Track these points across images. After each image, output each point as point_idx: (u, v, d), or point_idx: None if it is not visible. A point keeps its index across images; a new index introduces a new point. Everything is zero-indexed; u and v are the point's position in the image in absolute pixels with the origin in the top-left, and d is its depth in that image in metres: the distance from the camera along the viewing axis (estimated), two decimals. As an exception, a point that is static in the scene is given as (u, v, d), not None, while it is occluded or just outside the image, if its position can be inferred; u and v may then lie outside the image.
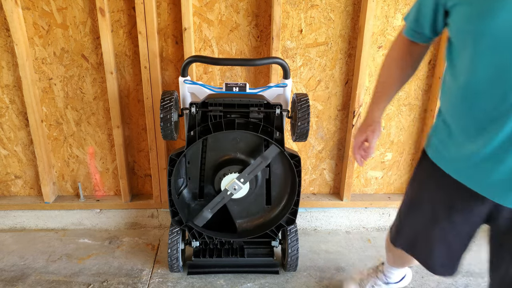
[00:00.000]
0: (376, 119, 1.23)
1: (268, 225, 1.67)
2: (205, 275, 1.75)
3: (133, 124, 1.96)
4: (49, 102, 1.89)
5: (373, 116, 1.23)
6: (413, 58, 1.15)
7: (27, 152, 1.97)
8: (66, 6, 1.72)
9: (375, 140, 1.23)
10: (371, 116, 1.24)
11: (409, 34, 1.10)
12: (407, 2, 1.76)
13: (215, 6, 1.74)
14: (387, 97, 1.21)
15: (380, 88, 1.22)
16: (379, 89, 1.22)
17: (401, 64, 1.16)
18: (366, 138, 1.24)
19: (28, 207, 2.03)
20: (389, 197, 2.11)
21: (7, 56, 1.78)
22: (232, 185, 1.54)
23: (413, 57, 1.15)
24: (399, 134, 2.02)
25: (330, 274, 1.80)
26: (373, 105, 1.24)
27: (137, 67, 1.84)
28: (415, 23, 1.07)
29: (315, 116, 1.96)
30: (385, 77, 1.21)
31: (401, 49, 1.15)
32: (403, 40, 1.13)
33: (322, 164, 2.07)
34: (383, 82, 1.21)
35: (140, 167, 2.05)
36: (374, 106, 1.23)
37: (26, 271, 1.77)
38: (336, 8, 1.77)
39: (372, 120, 1.23)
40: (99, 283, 1.70)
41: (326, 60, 1.86)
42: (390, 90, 1.20)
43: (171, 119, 1.51)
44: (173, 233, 1.69)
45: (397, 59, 1.16)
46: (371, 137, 1.23)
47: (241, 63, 1.58)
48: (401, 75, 1.18)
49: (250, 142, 1.58)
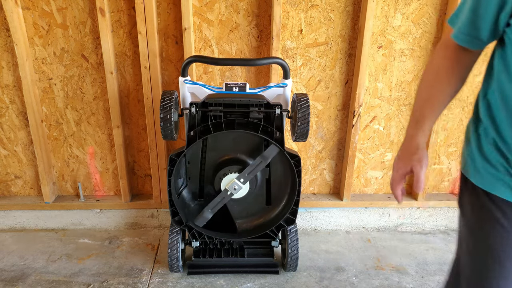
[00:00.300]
0: (421, 146, 1.01)
1: (268, 225, 1.66)
2: (205, 275, 1.75)
3: (133, 124, 1.96)
4: (49, 102, 1.89)
5: (417, 142, 1.01)
6: (463, 68, 0.96)
7: (27, 152, 1.97)
8: (66, 6, 1.72)
9: (424, 172, 1.00)
10: (414, 142, 1.02)
11: (460, 39, 0.91)
12: (407, 2, 1.76)
13: (215, 6, 1.74)
14: (431, 117, 1.00)
15: (422, 108, 1.01)
16: (421, 109, 1.01)
17: (448, 76, 0.97)
18: (410, 170, 1.02)
19: (28, 207, 2.03)
20: (389, 197, 2.11)
21: (7, 56, 1.78)
22: (232, 185, 1.54)
23: (463, 67, 0.96)
24: (399, 134, 2.02)
25: (330, 274, 1.80)
26: (415, 128, 1.02)
27: (137, 67, 1.84)
28: (470, 26, 0.88)
29: (315, 116, 1.96)
30: (427, 93, 1.00)
31: (448, 59, 0.96)
32: (451, 48, 0.94)
33: (322, 164, 2.07)
34: (426, 100, 1.00)
35: (140, 167, 2.05)
36: (417, 129, 1.01)
37: (26, 271, 1.77)
38: (336, 8, 1.77)
39: (416, 147, 1.01)
40: (99, 283, 1.70)
41: (326, 60, 1.86)
42: (435, 108, 1.00)
43: (171, 119, 1.51)
44: (173, 233, 1.69)
45: (443, 71, 0.97)
46: (418, 168, 1.00)
47: (241, 63, 1.58)
48: (448, 90, 0.98)
49: (250, 142, 1.58)
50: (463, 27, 0.89)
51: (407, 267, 1.86)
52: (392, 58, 1.87)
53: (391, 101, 1.95)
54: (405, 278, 1.78)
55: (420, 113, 1.01)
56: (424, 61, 1.88)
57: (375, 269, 1.84)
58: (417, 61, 1.88)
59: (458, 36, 0.91)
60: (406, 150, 1.04)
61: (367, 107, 1.95)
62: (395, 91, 1.93)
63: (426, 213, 2.15)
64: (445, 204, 2.10)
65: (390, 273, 1.81)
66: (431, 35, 1.83)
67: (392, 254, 1.95)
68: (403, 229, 2.17)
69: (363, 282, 1.75)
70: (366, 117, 1.97)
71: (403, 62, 1.88)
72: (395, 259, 1.91)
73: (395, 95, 1.94)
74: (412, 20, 1.80)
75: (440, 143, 2.04)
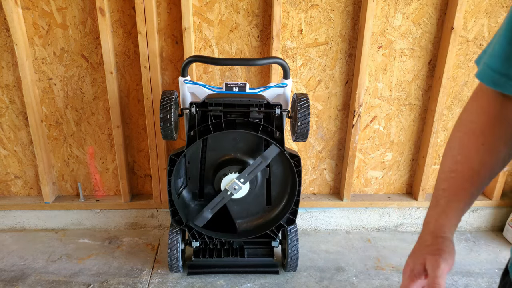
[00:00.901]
0: (441, 233, 0.69)
1: (268, 225, 1.66)
2: (205, 275, 1.75)
3: (133, 124, 1.95)
4: (49, 102, 1.89)
5: (436, 227, 0.70)
6: (508, 124, 0.66)
7: (27, 152, 1.97)
8: (66, 6, 1.72)
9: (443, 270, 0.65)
10: (430, 228, 0.71)
11: (497, 83, 0.63)
12: (407, 2, 1.76)
13: (215, 6, 1.74)
14: (462, 197, 0.70)
15: (448, 182, 0.71)
16: (447, 183, 0.71)
17: (487, 139, 0.67)
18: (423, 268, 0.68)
19: (28, 207, 2.03)
20: (389, 197, 2.11)
21: (7, 56, 1.78)
22: (232, 185, 1.54)
23: (508, 124, 0.66)
24: (399, 134, 2.02)
25: (330, 274, 1.79)
26: (436, 209, 0.72)
27: (137, 67, 1.84)
28: (506, 62, 0.61)
29: (315, 116, 1.96)
30: (456, 163, 0.70)
31: (485, 113, 0.67)
32: (487, 97, 0.67)
33: (322, 164, 2.07)
34: (455, 171, 0.71)
35: (140, 167, 2.05)
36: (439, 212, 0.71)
37: (26, 271, 1.77)
38: (336, 8, 1.77)
39: (434, 235, 0.70)
40: (99, 283, 1.70)
41: (326, 60, 1.86)
42: (469, 184, 0.69)
43: (171, 119, 1.51)
44: (173, 233, 1.69)
45: (479, 131, 0.67)
46: (432, 264, 0.66)
47: (241, 63, 1.58)
48: (488, 158, 0.67)
49: (250, 142, 1.58)
50: (493, 62, 0.63)
51: (407, 267, 1.85)
52: (392, 58, 1.87)
53: (391, 101, 1.95)
54: (405, 278, 1.78)
55: (445, 189, 0.71)
56: (424, 61, 1.88)
57: (375, 269, 1.84)
58: (417, 61, 1.88)
59: (495, 80, 0.63)
60: (419, 240, 0.73)
61: (367, 107, 1.95)
62: (395, 91, 1.93)
63: (426, 213, 2.14)
64: (445, 204, 2.10)
65: (390, 273, 1.81)
66: (431, 35, 1.83)
67: (392, 254, 1.95)
68: (403, 229, 2.17)
69: (363, 282, 1.75)
70: (366, 117, 1.97)
71: (403, 62, 1.88)
72: (395, 259, 1.91)
73: (395, 95, 1.94)
74: (412, 20, 1.80)
75: (440, 143, 2.04)
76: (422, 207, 2.11)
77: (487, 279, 1.76)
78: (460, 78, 1.91)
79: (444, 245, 0.68)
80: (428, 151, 1.97)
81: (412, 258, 0.72)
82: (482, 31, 1.82)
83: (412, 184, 2.13)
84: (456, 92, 1.94)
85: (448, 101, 1.95)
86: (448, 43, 1.77)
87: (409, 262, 0.72)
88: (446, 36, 1.78)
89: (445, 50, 1.79)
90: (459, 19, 1.73)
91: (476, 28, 1.82)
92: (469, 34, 1.83)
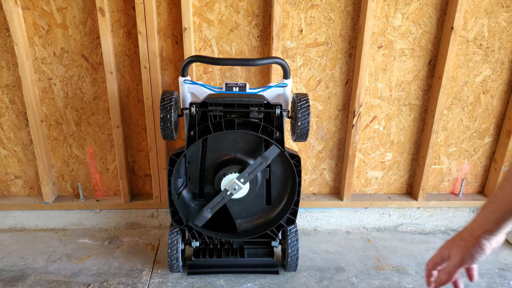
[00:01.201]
0: (477, 235, 0.78)
1: (268, 225, 1.66)
2: (205, 275, 1.75)
3: (133, 124, 1.95)
4: (49, 102, 1.89)
5: (479, 233, 0.78)
6: None
7: (27, 152, 1.97)
8: (66, 6, 1.72)
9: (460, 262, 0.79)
10: (475, 227, 0.79)
11: None
12: (407, 2, 1.76)
13: (215, 6, 1.74)
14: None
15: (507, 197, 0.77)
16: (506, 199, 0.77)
17: None
18: (447, 256, 0.82)
19: (28, 207, 2.03)
20: (389, 197, 2.11)
21: (7, 56, 1.78)
22: (232, 185, 1.54)
23: None
24: (399, 134, 2.02)
25: (330, 274, 1.79)
26: (485, 214, 0.79)
27: (137, 67, 1.84)
28: None
29: (315, 116, 1.96)
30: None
31: None
32: None
33: (322, 164, 2.07)
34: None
35: (140, 167, 2.05)
36: (486, 218, 0.79)
37: (26, 271, 1.77)
38: (336, 8, 1.77)
39: (471, 234, 0.79)
40: (99, 283, 1.70)
41: (326, 60, 1.86)
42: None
43: (171, 119, 1.51)
44: (173, 233, 1.69)
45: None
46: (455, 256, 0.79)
47: (241, 63, 1.58)
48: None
49: (250, 142, 1.58)
50: None
51: (407, 267, 1.85)
52: (392, 58, 1.87)
53: (391, 101, 1.95)
54: (405, 278, 1.78)
55: (503, 203, 0.75)
56: (424, 61, 1.88)
57: (375, 269, 1.84)
58: (417, 61, 1.88)
59: None
60: (461, 232, 0.82)
61: (367, 107, 1.95)
62: (395, 91, 1.93)
63: (426, 213, 2.14)
64: (445, 204, 2.10)
65: (390, 273, 1.81)
66: (431, 35, 1.83)
67: (392, 254, 1.95)
68: (403, 229, 2.17)
69: (363, 282, 1.75)
70: (366, 117, 1.97)
71: (403, 62, 1.88)
72: (395, 259, 1.91)
73: (395, 95, 1.94)
74: (412, 20, 1.80)
75: (440, 143, 2.04)
76: (422, 207, 2.11)
77: (487, 279, 1.75)
78: (460, 78, 1.91)
79: (472, 245, 0.77)
80: (428, 151, 1.97)
81: (447, 243, 0.84)
82: (482, 31, 1.82)
83: (412, 184, 2.14)
84: (456, 92, 1.94)
85: (448, 101, 1.95)
86: (448, 43, 1.77)
87: (445, 246, 0.85)
88: (446, 36, 1.78)
89: (445, 50, 1.79)
90: (459, 19, 1.73)
91: (476, 28, 1.82)
92: (469, 34, 1.83)
